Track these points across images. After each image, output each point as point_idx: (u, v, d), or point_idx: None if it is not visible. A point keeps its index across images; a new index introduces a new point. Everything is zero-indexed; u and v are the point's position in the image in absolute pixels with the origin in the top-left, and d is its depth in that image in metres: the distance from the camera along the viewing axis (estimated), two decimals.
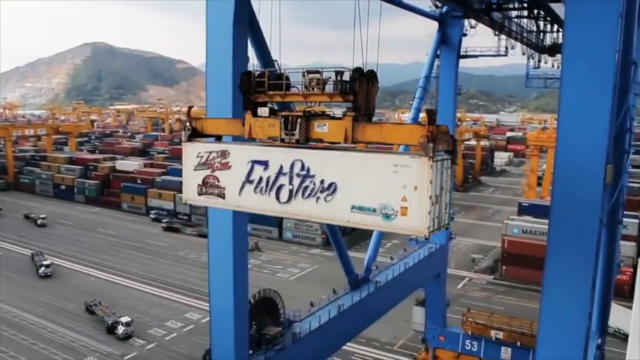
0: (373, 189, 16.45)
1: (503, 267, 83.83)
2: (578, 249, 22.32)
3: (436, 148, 15.61)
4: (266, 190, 18.53)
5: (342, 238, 44.49)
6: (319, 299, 41.49)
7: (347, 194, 17.05)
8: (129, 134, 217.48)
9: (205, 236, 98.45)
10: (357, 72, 17.12)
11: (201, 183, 19.80)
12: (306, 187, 17.76)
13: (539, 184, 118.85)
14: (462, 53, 49.29)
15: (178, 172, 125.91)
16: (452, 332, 55.64)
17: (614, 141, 33.33)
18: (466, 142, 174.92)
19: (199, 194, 19.98)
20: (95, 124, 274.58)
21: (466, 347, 54.50)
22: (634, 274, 72.96)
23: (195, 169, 19.92)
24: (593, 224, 21.97)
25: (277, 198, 18.33)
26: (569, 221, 22.38)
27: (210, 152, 19.53)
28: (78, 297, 73.70)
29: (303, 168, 17.78)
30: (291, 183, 18.03)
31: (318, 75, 17.77)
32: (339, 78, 17.35)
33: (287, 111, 18.54)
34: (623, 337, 60.42)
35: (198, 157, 19.82)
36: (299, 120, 17.94)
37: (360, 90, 17.15)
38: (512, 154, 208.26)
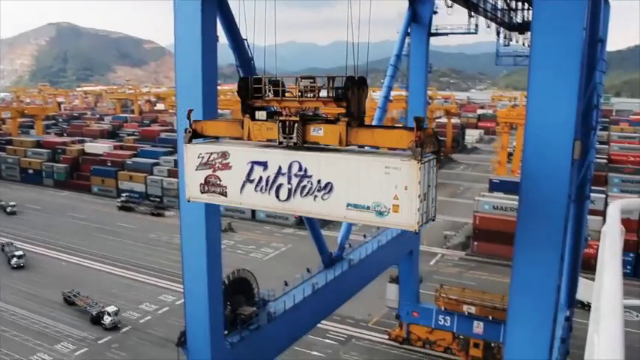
0: (367, 188, 18.02)
1: (475, 243, 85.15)
2: (547, 224, 22.74)
3: (424, 152, 17.31)
4: (266, 189, 19.82)
5: (315, 218, 44.63)
6: (293, 278, 41.68)
7: (342, 193, 18.53)
8: (97, 116, 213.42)
9: (158, 214, 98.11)
10: (350, 81, 18.51)
11: (203, 182, 20.93)
12: (304, 187, 19.15)
13: (509, 161, 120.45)
14: (432, 31, 49.37)
15: (149, 154, 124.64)
16: (425, 308, 56.56)
17: (582, 118, 33.94)
18: (437, 120, 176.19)
19: (202, 192, 21.16)
20: (62, 106, 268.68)
21: (439, 322, 55.51)
22: None
23: (196, 169, 21.02)
24: (561, 199, 22.38)
25: (277, 196, 19.64)
26: (538, 197, 22.75)
27: (211, 153, 20.63)
28: (54, 285, 72.83)
29: (300, 169, 19.16)
30: (289, 182, 19.37)
31: (311, 80, 19.23)
32: (331, 84, 18.81)
33: (284, 115, 19.70)
34: (588, 309, 62.03)
35: (199, 157, 20.90)
36: (296, 125, 19.27)
37: (352, 97, 18.58)
38: (482, 131, 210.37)
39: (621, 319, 2.92)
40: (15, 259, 79.82)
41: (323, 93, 19.10)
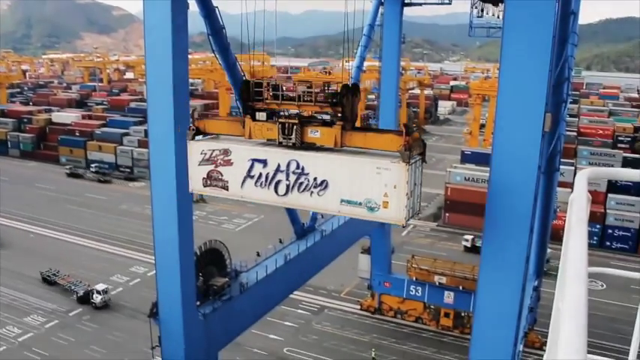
0: (359, 186, 20.07)
1: (446, 214, 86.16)
2: (517, 195, 22.99)
3: (411, 155, 19.36)
4: (265, 184, 21.72)
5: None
6: (265, 249, 41.75)
7: (337, 190, 20.58)
8: (64, 85, 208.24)
9: (105, 182, 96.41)
10: (345, 88, 20.70)
11: (205, 176, 22.81)
12: (301, 183, 21.06)
13: (481, 133, 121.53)
14: (406, 1, 48.97)
15: (118, 124, 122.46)
16: (397, 278, 57.29)
17: (553, 90, 34.21)
18: (410, 91, 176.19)
19: (204, 186, 23.12)
20: (27, 74, 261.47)
21: (411, 292, 56.34)
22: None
23: (199, 164, 22.88)
24: (531, 171, 22.61)
25: (276, 191, 21.63)
26: (508, 168, 22.95)
27: (213, 150, 22.45)
28: (22, 259, 71.77)
29: (298, 167, 21.04)
30: (287, 179, 21.26)
31: (308, 85, 21.52)
32: (327, 89, 21.26)
33: (284, 117, 21.50)
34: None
35: (202, 154, 22.77)
36: (295, 127, 20.96)
37: (347, 103, 20.59)
38: (455, 103, 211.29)
39: (585, 284, 2.88)
40: None
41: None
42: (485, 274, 24.32)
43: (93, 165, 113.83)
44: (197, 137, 23.20)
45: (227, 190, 22.78)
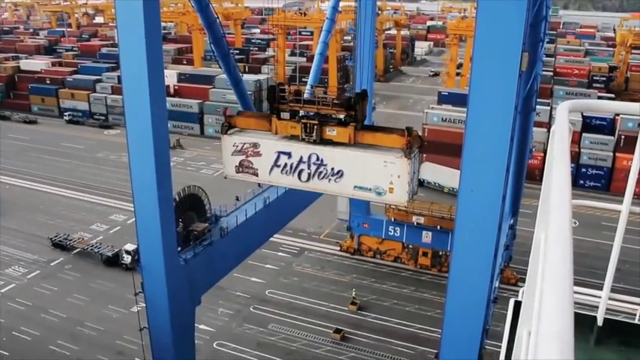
0: (369, 175, 24.70)
1: (424, 155, 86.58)
2: (494, 135, 23.13)
3: (412, 151, 23.98)
4: (290, 172, 26.07)
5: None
6: (245, 193, 41.84)
7: (351, 178, 25.08)
8: (31, 31, 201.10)
9: (30, 122, 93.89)
10: (358, 96, 25.69)
11: (237, 164, 27.32)
12: (320, 172, 25.43)
13: (458, 74, 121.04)
14: None
15: (90, 70, 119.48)
16: (375, 219, 57.96)
17: (530, 29, 33.97)
18: (387, 32, 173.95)
19: (237, 172, 27.74)
20: None
21: (389, 233, 57.18)
22: (545, 158, 77.39)
23: (232, 155, 27.24)
24: (508, 111, 22.68)
25: (299, 178, 26.03)
26: (485, 108, 22.98)
27: (244, 143, 26.76)
28: (6, 212, 70.99)
29: (318, 159, 25.42)
30: (309, 168, 25.60)
31: (323, 90, 26.29)
32: (342, 94, 25.99)
33: (306, 118, 25.47)
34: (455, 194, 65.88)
35: (234, 146, 27.06)
36: (315, 126, 25.09)
37: (359, 107, 25.00)
38: (432, 43, 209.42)
39: (570, 213, 2.93)
40: None
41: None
42: (462, 213, 24.70)
43: (66, 113, 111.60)
44: (229, 131, 27.40)
45: (257, 176, 27.41)
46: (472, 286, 25.63)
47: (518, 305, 6.90)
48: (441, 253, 56.78)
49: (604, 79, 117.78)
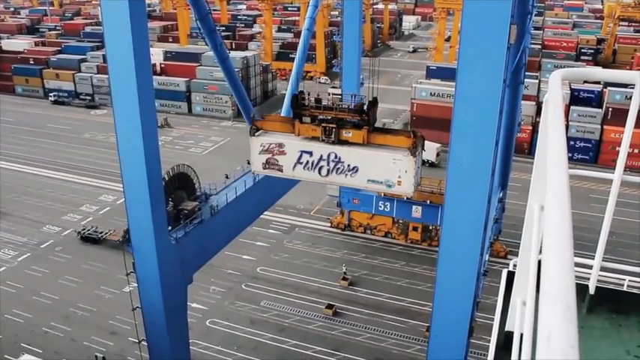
0: (380, 171, 28.77)
1: (413, 130, 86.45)
2: (483, 109, 23.09)
3: (417, 150, 28.02)
4: (311, 168, 29.89)
5: (253, 109, 44.09)
6: (234, 171, 41.73)
7: (364, 173, 29.15)
8: (12, 10, 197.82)
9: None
10: (371, 103, 29.16)
11: (264, 162, 30.84)
12: (338, 168, 29.44)
13: (446, 48, 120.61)
14: None
15: (75, 50, 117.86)
16: (365, 195, 58.03)
17: (519, 1, 33.78)
18: (374, 6, 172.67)
19: (264, 169, 31.21)
20: None
21: (379, 208, 57.34)
22: (533, 132, 77.66)
23: (259, 153, 30.80)
24: (496, 84, 22.61)
25: (319, 173, 29.90)
26: (474, 82, 22.91)
27: (270, 144, 30.44)
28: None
29: (336, 157, 29.33)
30: (328, 165, 29.57)
31: (339, 94, 31.67)
32: (355, 99, 29.77)
33: (325, 122, 29.32)
34: (429, 165, 70.32)
35: (261, 146, 30.60)
36: (333, 129, 29.00)
37: (371, 112, 28.91)
38: (420, 17, 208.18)
39: (568, 179, 2.91)
40: None
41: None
42: (451, 187, 24.77)
43: (51, 94, 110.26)
44: (256, 133, 30.82)
45: (282, 171, 30.84)
46: (462, 260, 25.83)
47: (511, 276, 6.94)
48: (431, 227, 57.15)
49: (592, 51, 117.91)
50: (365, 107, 29.08)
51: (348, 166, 29.28)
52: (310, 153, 29.73)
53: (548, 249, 2.40)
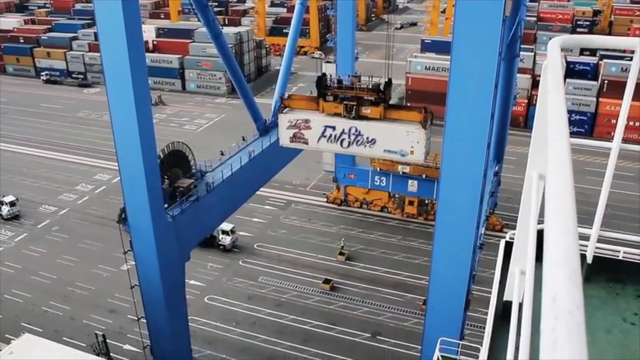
0: (396, 142, 32.66)
1: (408, 104, 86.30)
2: (478, 82, 23.03)
3: (427, 123, 32.00)
4: (334, 141, 33.69)
5: (247, 85, 43.87)
6: (229, 148, 41.63)
7: (381, 144, 33.05)
8: None
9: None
10: (387, 83, 33.08)
11: (292, 136, 34.54)
12: (358, 140, 33.13)
13: (441, 22, 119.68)
14: None
15: (65, 28, 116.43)
16: (361, 170, 58.13)
17: None
18: None
19: (291, 142, 34.91)
20: None
21: (375, 183, 57.45)
22: (528, 105, 77.50)
23: (287, 129, 34.45)
24: (492, 57, 22.52)
25: (341, 145, 33.86)
26: (469, 55, 22.80)
27: (297, 120, 34.01)
28: None
29: (356, 130, 33.06)
30: (349, 138, 33.33)
31: (357, 78, 33.76)
32: (373, 80, 33.44)
33: (346, 100, 33.05)
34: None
35: (288, 122, 34.27)
36: (354, 106, 32.72)
37: (387, 91, 32.87)
38: None
39: (569, 147, 2.89)
40: None
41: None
42: (447, 161, 24.82)
43: (43, 73, 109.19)
44: (284, 111, 34.37)
45: (307, 144, 34.59)
46: (458, 233, 25.99)
47: (508, 246, 6.97)
48: (427, 201, 57.30)
49: (588, 23, 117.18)
50: (381, 87, 32.77)
51: (367, 138, 32.94)
52: (333, 127, 33.43)
53: (551, 213, 2.38)
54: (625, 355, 5.17)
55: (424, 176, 54.15)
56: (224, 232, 52.49)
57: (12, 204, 58.78)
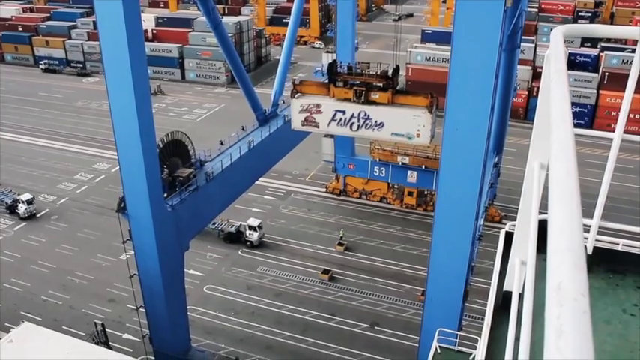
0: (403, 125, 33.93)
1: None
2: (479, 73, 22.95)
3: (432, 108, 33.06)
4: (344, 125, 35.02)
5: (247, 75, 43.73)
6: (228, 137, 41.56)
7: (389, 127, 34.27)
8: None
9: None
10: (394, 69, 34.80)
11: (303, 120, 35.76)
12: (367, 124, 34.45)
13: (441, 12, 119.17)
14: None
15: (64, 16, 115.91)
16: (361, 160, 58.12)
17: None
18: None
19: (302, 125, 36.06)
20: None
21: (375, 173, 57.45)
22: (529, 97, 77.34)
23: (299, 113, 35.62)
24: (493, 48, 22.43)
25: (351, 128, 35.08)
26: (470, 46, 22.71)
27: (309, 104, 35.24)
28: None
29: (365, 115, 34.34)
30: (358, 122, 34.61)
31: (368, 64, 35.31)
32: (381, 67, 34.89)
33: (356, 86, 34.34)
34: None
35: (301, 106, 35.38)
36: (363, 91, 34.01)
37: (395, 77, 34.41)
38: None
39: (573, 137, 2.86)
40: None
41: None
42: (447, 152, 24.78)
43: (42, 62, 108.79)
44: (296, 95, 35.54)
45: (318, 127, 35.92)
46: (457, 224, 26.00)
47: (509, 236, 6.96)
48: (426, 192, 57.30)
49: (589, 14, 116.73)
50: (389, 73, 34.31)
51: (376, 122, 34.27)
52: (343, 112, 34.71)
53: (555, 200, 2.37)
54: (624, 345, 5.18)
55: (423, 167, 54.16)
56: (251, 227, 51.77)
57: (29, 202, 56.95)
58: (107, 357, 26.67)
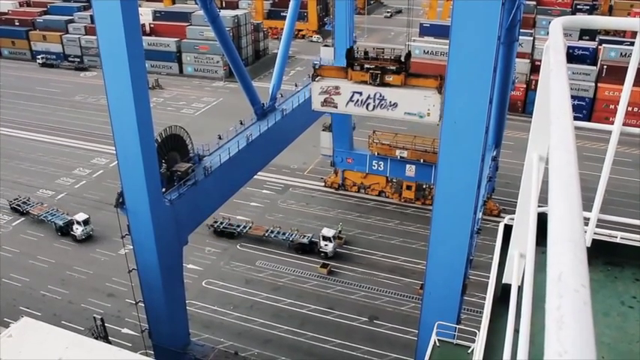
0: (415, 105, 37.15)
1: None
2: (477, 66, 22.89)
3: (441, 89, 34.82)
4: (361, 105, 38.25)
5: (245, 69, 43.65)
6: (227, 131, 41.50)
7: (402, 107, 37.49)
8: None
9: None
10: (407, 54, 38.03)
11: (322, 101, 39.00)
12: (382, 104, 37.69)
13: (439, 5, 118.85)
14: None
15: (61, 10, 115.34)
16: (359, 154, 58.09)
17: None
18: None
19: (321, 106, 39.36)
20: None
21: (373, 167, 57.43)
22: (527, 90, 77.25)
23: (319, 94, 38.77)
24: (491, 41, 22.37)
25: (367, 108, 38.34)
26: (468, 38, 22.65)
27: (328, 87, 38.40)
28: None
29: (380, 95, 37.57)
30: (374, 102, 37.82)
31: (382, 49, 38.81)
32: (394, 52, 38.40)
33: (372, 69, 37.41)
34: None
35: (320, 88, 38.59)
36: (378, 74, 37.15)
37: (407, 61, 37.56)
38: None
39: (573, 128, 2.85)
40: None
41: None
42: (445, 146, 24.75)
43: (39, 56, 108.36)
44: (316, 79, 38.54)
45: (336, 108, 39.17)
46: (456, 218, 25.99)
47: (507, 229, 6.96)
48: (424, 186, 57.32)
49: (587, 7, 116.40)
50: (402, 58, 37.35)
51: (390, 102, 37.46)
52: (360, 93, 37.86)
53: (555, 191, 2.35)
54: (623, 337, 5.18)
55: (422, 161, 54.16)
56: (325, 237, 49.92)
57: (85, 222, 52.82)
58: (106, 351, 26.70)
